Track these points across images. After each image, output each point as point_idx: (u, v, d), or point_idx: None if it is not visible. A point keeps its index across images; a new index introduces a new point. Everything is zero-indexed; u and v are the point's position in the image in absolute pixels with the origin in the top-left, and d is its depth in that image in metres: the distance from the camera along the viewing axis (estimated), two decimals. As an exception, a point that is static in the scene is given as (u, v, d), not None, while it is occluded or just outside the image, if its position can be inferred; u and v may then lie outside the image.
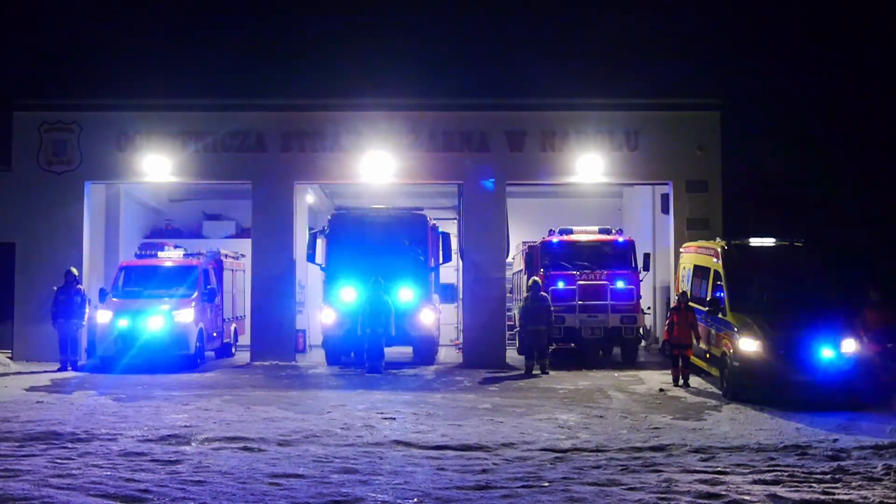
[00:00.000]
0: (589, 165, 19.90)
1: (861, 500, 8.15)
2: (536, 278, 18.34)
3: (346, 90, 21.96)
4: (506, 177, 20.08)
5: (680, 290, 17.19)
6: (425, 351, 19.55)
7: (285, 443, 10.54)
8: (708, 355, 15.81)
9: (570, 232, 20.36)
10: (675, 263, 19.25)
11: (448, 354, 21.63)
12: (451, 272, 23.02)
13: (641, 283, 19.97)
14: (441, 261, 20.16)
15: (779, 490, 8.42)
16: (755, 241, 16.33)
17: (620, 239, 20.31)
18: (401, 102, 20.65)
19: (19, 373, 17.54)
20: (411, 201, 23.49)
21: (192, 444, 10.47)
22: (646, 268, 19.86)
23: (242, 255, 22.02)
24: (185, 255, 19.81)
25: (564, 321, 18.84)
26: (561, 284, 19.20)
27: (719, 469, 9.34)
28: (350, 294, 18.70)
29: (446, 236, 20.15)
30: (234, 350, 21.41)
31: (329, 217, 20.66)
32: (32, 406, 13.26)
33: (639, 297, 19.51)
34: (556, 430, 11.64)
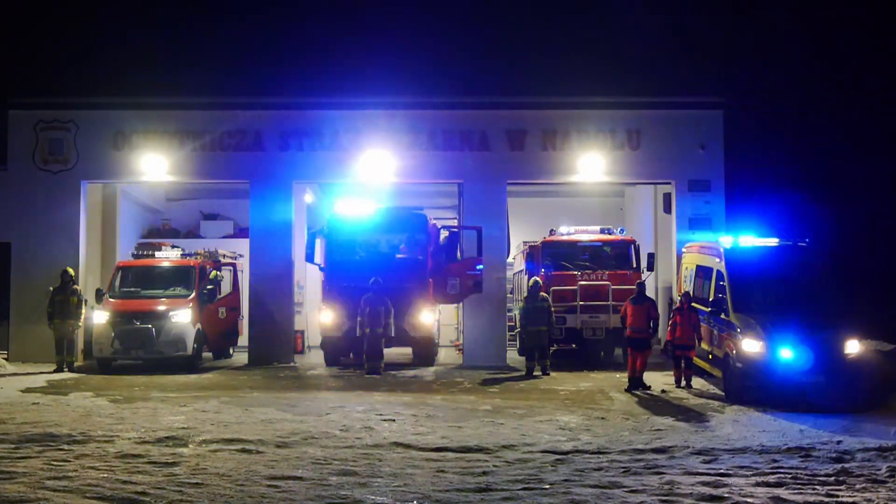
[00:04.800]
0: (590, 165, 19.83)
1: (865, 503, 8.07)
2: (537, 278, 18.22)
3: (345, 88, 21.92)
4: (506, 176, 20.00)
5: (682, 291, 17.09)
6: (425, 352, 19.42)
7: (283, 444, 10.46)
8: (710, 356, 15.72)
9: (572, 232, 20.25)
10: (678, 263, 19.16)
11: (448, 355, 21.56)
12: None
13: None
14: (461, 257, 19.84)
15: (782, 492, 8.37)
16: (758, 241, 16.24)
17: (622, 239, 20.20)
18: (400, 101, 20.60)
19: (15, 374, 17.47)
20: (411, 201, 23.39)
21: (190, 445, 10.39)
22: (650, 268, 19.72)
23: (240, 255, 21.92)
24: (183, 255, 19.71)
25: (566, 322, 18.75)
26: (562, 285, 19.08)
27: (722, 471, 9.27)
28: (349, 294, 18.56)
29: (455, 235, 19.89)
30: (231, 351, 21.31)
31: (328, 217, 20.56)
32: (28, 407, 13.19)
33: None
34: (557, 431, 11.57)
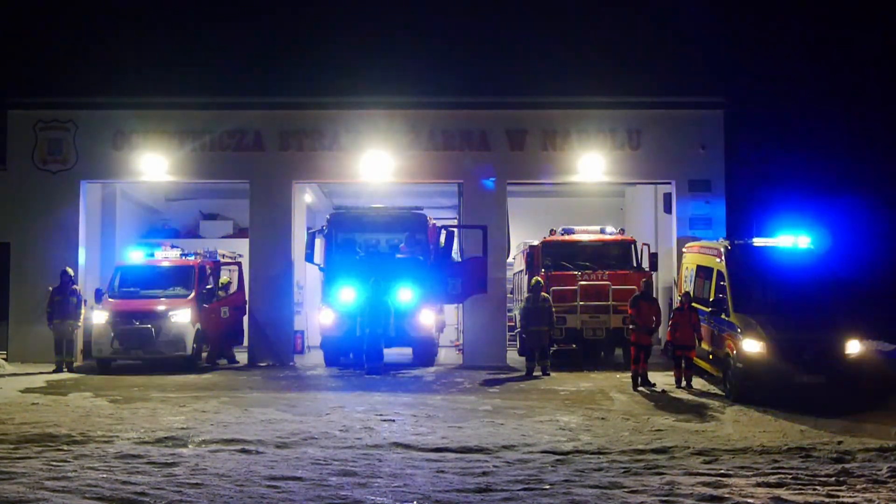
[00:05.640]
0: (590, 165, 19.81)
1: (865, 503, 8.05)
2: (538, 278, 18.19)
3: (345, 88, 21.85)
4: (506, 176, 19.98)
5: (683, 291, 17.07)
6: (425, 352, 19.40)
7: (283, 445, 10.44)
8: (711, 356, 15.70)
9: (572, 232, 20.23)
10: (678, 264, 19.13)
11: (448, 355, 21.54)
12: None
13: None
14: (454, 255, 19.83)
15: (783, 493, 8.36)
16: (759, 241, 16.24)
17: (622, 239, 20.16)
18: (400, 101, 20.56)
19: (14, 374, 17.44)
20: (411, 201, 23.37)
21: (189, 446, 10.38)
22: (653, 268, 19.63)
23: (240, 256, 21.89)
24: (182, 255, 19.67)
25: (566, 322, 18.70)
26: (562, 285, 19.04)
27: (722, 472, 9.26)
28: (349, 294, 18.56)
29: (451, 235, 19.86)
30: (234, 354, 21.21)
31: (328, 216, 20.54)
32: (28, 408, 13.17)
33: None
34: (557, 432, 11.55)
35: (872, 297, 19.63)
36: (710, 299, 15.72)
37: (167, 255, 19.56)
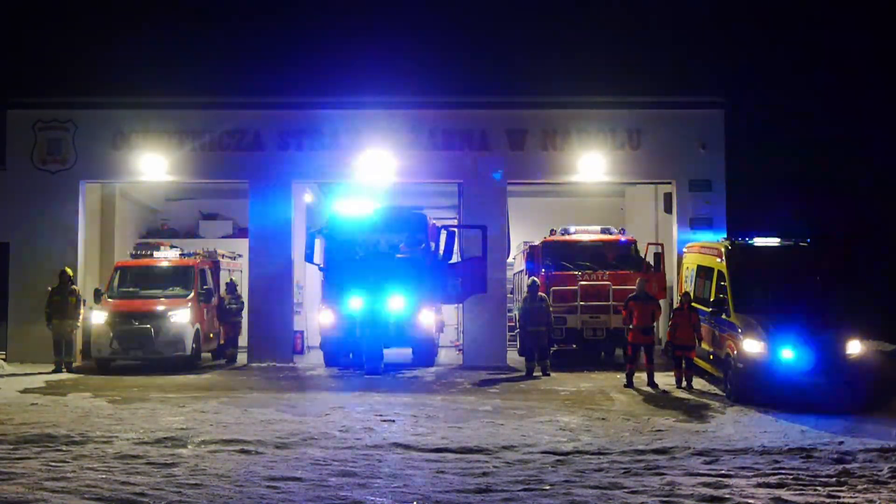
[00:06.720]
0: (591, 164, 19.79)
1: (867, 504, 8.06)
2: (535, 279, 18.19)
3: (344, 88, 21.86)
4: (506, 176, 19.95)
5: (683, 291, 17.05)
6: (425, 352, 19.37)
7: (283, 445, 10.44)
8: (711, 357, 15.69)
9: (572, 232, 20.21)
10: (679, 264, 19.11)
11: (448, 356, 21.52)
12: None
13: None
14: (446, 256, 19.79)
15: (783, 493, 8.37)
16: (759, 241, 16.21)
17: (622, 239, 20.15)
18: (400, 100, 20.55)
19: (14, 374, 17.42)
20: (411, 200, 23.34)
21: (189, 446, 10.38)
22: (657, 268, 19.56)
23: (239, 255, 21.87)
24: (182, 256, 19.64)
25: (566, 322, 18.68)
26: (563, 285, 19.02)
27: (723, 472, 9.26)
28: (349, 295, 18.52)
29: (454, 234, 19.82)
30: (234, 353, 21.17)
31: (327, 216, 20.50)
32: (27, 408, 13.17)
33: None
34: (557, 432, 11.55)
35: (872, 297, 19.60)
36: (711, 299, 15.71)
37: (167, 255, 19.53)
